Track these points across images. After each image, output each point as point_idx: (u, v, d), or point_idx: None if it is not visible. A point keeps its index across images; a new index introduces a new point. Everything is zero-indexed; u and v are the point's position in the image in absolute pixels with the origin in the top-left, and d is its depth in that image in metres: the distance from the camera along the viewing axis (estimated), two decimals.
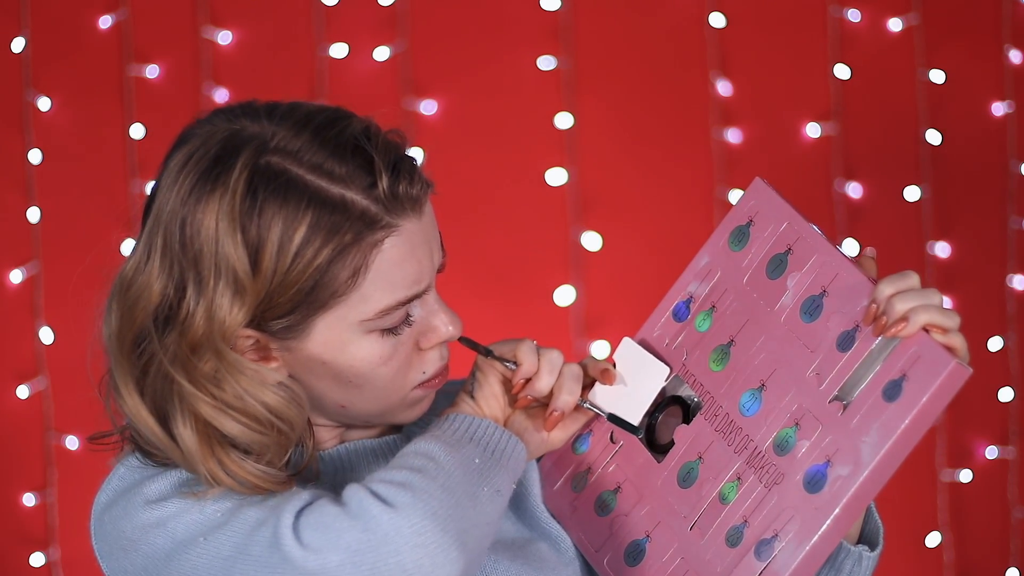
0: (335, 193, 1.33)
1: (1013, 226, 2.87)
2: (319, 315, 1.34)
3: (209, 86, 2.81)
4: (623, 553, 1.43)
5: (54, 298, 2.81)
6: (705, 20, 2.84)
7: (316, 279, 1.33)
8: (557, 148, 2.82)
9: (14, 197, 2.80)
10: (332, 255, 1.32)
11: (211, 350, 1.33)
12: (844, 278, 1.35)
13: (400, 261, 1.35)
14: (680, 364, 1.44)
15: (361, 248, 1.33)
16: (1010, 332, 2.88)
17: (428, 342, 1.39)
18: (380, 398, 1.39)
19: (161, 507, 1.34)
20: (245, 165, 1.33)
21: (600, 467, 1.47)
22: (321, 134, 1.34)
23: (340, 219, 1.32)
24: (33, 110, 2.80)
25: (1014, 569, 2.87)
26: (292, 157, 1.33)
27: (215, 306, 1.33)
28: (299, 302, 1.33)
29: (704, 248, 1.46)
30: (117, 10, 2.81)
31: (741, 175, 2.84)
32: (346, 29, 2.82)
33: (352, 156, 1.34)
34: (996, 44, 2.87)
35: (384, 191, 1.33)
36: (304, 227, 1.32)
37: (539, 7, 2.83)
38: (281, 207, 1.32)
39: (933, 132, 2.86)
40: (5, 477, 2.82)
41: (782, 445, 1.34)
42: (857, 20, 2.85)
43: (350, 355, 1.36)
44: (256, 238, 1.32)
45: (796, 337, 1.36)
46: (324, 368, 1.37)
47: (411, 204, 1.35)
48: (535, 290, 2.83)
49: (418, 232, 1.36)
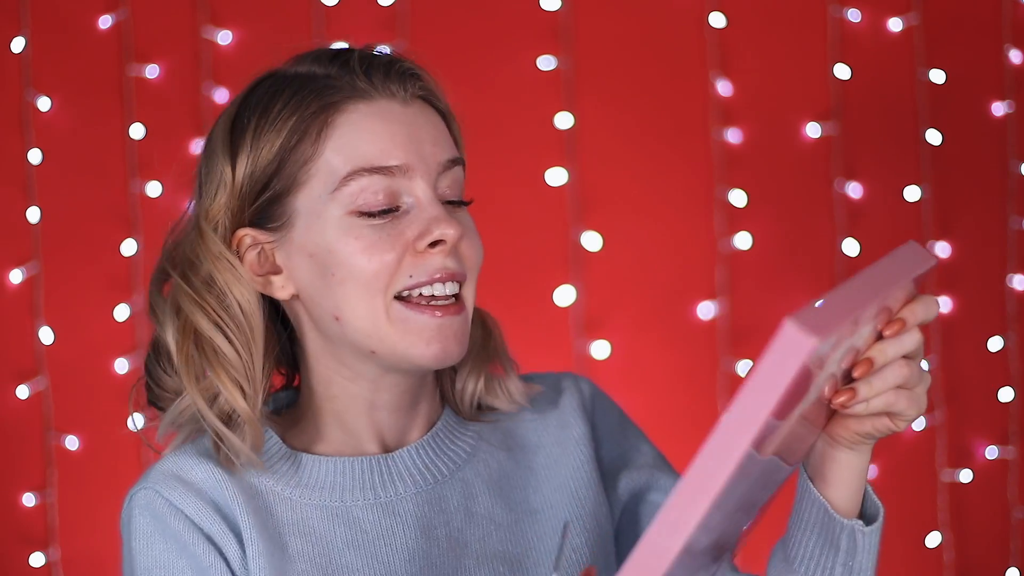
0: (313, 73, 1.42)
1: (1013, 226, 2.87)
2: (296, 193, 1.40)
3: (209, 86, 2.81)
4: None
5: (54, 298, 2.81)
6: (705, 20, 2.84)
7: (285, 145, 1.39)
8: (557, 148, 2.82)
9: (14, 197, 2.80)
10: (297, 123, 1.39)
11: (200, 243, 1.42)
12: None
13: (365, 126, 1.39)
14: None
15: (324, 111, 1.39)
16: (1010, 332, 2.88)
17: (421, 243, 1.39)
18: (365, 302, 1.38)
19: None
20: (250, 84, 1.45)
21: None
22: (320, 52, 1.44)
23: (307, 90, 1.40)
24: (33, 110, 2.80)
25: (1014, 569, 2.88)
26: (286, 67, 1.45)
27: (205, 201, 1.43)
28: (272, 173, 1.40)
29: None
30: (117, 10, 2.81)
31: (741, 175, 2.84)
32: (346, 29, 2.82)
33: (336, 56, 1.43)
34: (996, 44, 2.87)
35: (356, 71, 1.40)
36: (278, 104, 1.41)
37: (539, 7, 2.83)
38: (265, 97, 1.42)
39: (933, 132, 2.86)
40: (5, 477, 2.82)
41: None
42: (857, 20, 2.85)
43: (331, 239, 1.39)
44: (238, 127, 1.42)
45: None
46: (312, 263, 1.40)
47: (390, 88, 1.41)
48: (535, 290, 2.83)
49: (396, 113, 1.40)
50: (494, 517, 1.47)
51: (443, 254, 1.39)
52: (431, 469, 1.46)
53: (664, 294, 2.85)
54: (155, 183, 2.79)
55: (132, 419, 1.51)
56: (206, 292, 1.41)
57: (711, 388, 2.80)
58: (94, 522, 2.81)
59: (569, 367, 2.76)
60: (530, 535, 1.47)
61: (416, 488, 1.45)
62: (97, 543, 2.81)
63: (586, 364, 2.81)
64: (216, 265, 1.41)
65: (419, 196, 1.39)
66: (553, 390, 1.55)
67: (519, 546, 1.46)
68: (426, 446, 1.47)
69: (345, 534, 1.42)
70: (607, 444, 1.53)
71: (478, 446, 1.49)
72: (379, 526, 1.43)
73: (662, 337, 2.85)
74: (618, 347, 2.81)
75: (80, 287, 2.81)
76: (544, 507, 1.49)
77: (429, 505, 1.45)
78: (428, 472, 1.46)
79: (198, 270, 1.42)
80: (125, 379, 2.81)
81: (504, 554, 1.46)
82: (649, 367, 2.83)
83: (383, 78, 1.40)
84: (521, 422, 1.52)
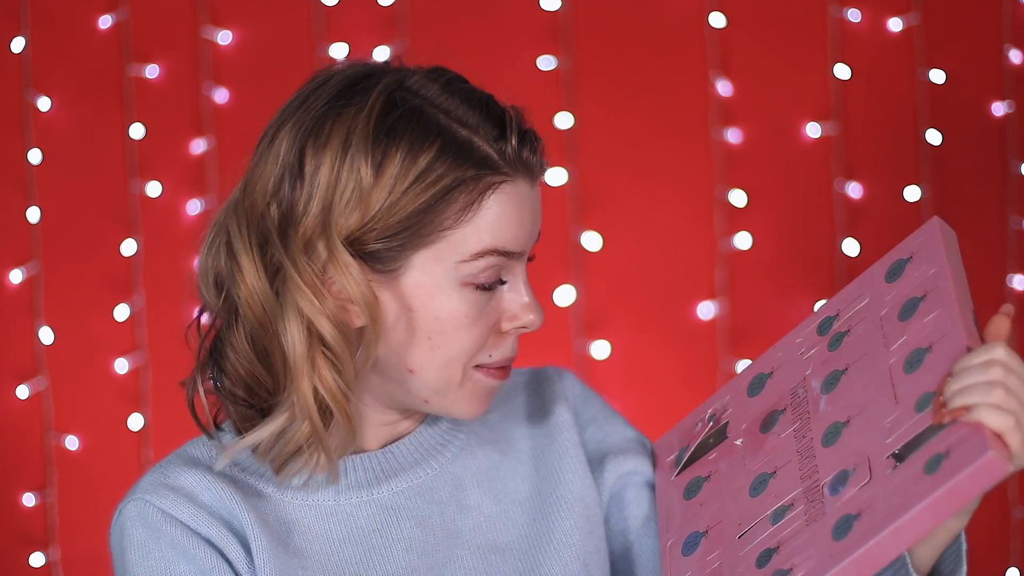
0: (462, 134, 1.38)
1: (1013, 226, 2.86)
2: (419, 249, 1.37)
3: (209, 86, 2.81)
4: (683, 541, 1.42)
5: (54, 298, 2.81)
6: (705, 20, 2.84)
7: (430, 204, 1.36)
8: (557, 148, 2.82)
9: (14, 197, 2.80)
10: (451, 184, 1.36)
11: (324, 244, 1.35)
12: (950, 342, 1.32)
13: (509, 212, 1.39)
14: (803, 376, 1.43)
15: (479, 186, 1.37)
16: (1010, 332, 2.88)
17: (508, 323, 1.41)
18: (449, 367, 1.39)
19: None
20: (382, 92, 1.38)
21: (704, 453, 1.47)
22: (454, 86, 1.41)
23: (465, 154, 1.37)
24: (33, 110, 2.80)
25: (1014, 569, 2.87)
26: (426, 98, 1.39)
27: (333, 207, 1.35)
28: (407, 226, 1.36)
29: (868, 271, 1.44)
30: (117, 10, 2.81)
31: (741, 175, 2.84)
32: (346, 29, 2.82)
33: (483, 109, 1.40)
34: (996, 44, 2.87)
35: (511, 147, 1.39)
36: (430, 153, 1.36)
37: (539, 7, 2.83)
38: (411, 132, 1.36)
39: (933, 132, 2.86)
40: (5, 477, 2.82)
41: (835, 485, 1.33)
42: (857, 20, 2.85)
43: (439, 304, 1.38)
44: (383, 153, 1.35)
45: (891, 385, 1.34)
46: (408, 317, 1.38)
47: (529, 169, 1.40)
48: (535, 290, 2.82)
49: (528, 196, 1.40)
50: (483, 508, 1.47)
51: (518, 335, 1.43)
52: (421, 464, 1.47)
53: (664, 294, 2.85)
54: (155, 183, 2.79)
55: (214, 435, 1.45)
56: (321, 290, 1.37)
57: (711, 388, 2.80)
58: (94, 522, 2.81)
59: (569, 367, 2.75)
60: (520, 523, 1.48)
61: (408, 483, 1.45)
62: (97, 543, 2.81)
63: (586, 364, 2.81)
64: (343, 276, 1.37)
65: (517, 275, 1.43)
66: (535, 381, 1.56)
67: (509, 535, 1.47)
68: (415, 442, 1.47)
69: (341, 531, 1.43)
70: (590, 429, 1.55)
71: (466, 439, 1.50)
72: (375, 521, 1.44)
73: (662, 337, 2.84)
74: (618, 347, 2.81)
75: (80, 287, 2.81)
76: (532, 495, 1.49)
77: (422, 497, 1.45)
78: (419, 467, 1.46)
79: (310, 264, 1.37)
80: (125, 379, 2.81)
81: (495, 543, 1.46)
82: (649, 367, 2.83)
83: (529, 156, 1.41)
84: (505, 414, 1.53)
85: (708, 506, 1.43)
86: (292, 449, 1.40)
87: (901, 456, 1.29)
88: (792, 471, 1.37)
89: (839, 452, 1.34)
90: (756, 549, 1.35)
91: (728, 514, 1.40)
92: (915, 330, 1.35)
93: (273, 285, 1.38)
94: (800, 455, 1.37)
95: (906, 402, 1.32)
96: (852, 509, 1.30)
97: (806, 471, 1.36)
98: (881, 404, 1.33)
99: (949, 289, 1.34)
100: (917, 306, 1.36)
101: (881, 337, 1.37)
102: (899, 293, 1.39)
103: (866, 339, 1.39)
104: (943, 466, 1.26)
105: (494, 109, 1.41)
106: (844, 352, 1.40)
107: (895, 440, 1.31)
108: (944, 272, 1.36)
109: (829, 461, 1.34)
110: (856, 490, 1.31)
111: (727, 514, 1.40)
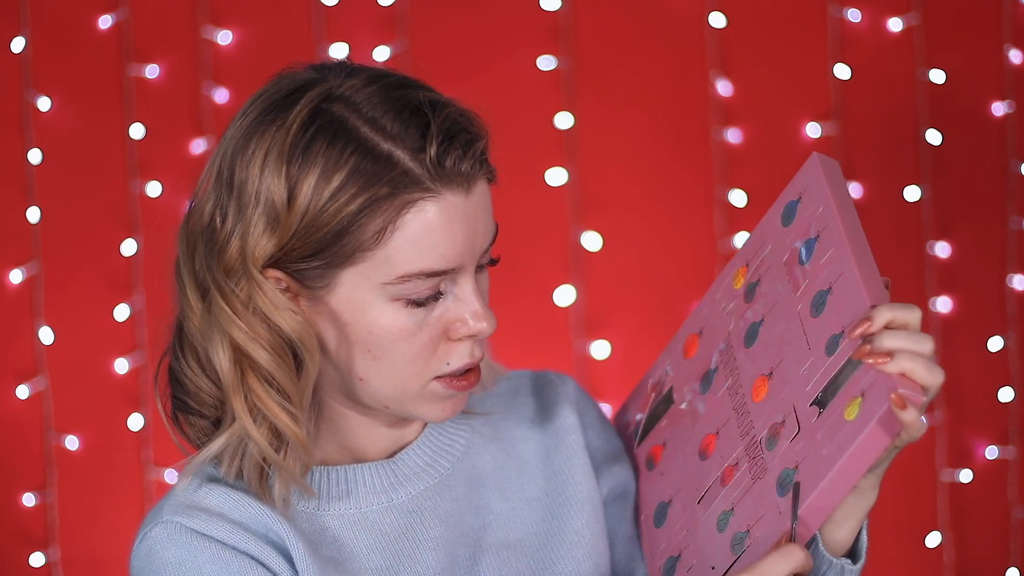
0: (382, 147, 1.33)
1: (1013, 226, 2.86)
2: (344, 268, 1.34)
3: (209, 86, 2.81)
4: (653, 514, 1.43)
5: (54, 298, 2.81)
6: (705, 20, 2.84)
7: (344, 225, 1.33)
8: (557, 148, 2.82)
9: (14, 197, 2.80)
10: (364, 204, 1.32)
11: (244, 274, 1.34)
12: (847, 280, 1.33)
13: (432, 229, 1.34)
14: (727, 331, 1.44)
15: (394, 204, 1.33)
16: (1010, 332, 2.88)
17: (456, 332, 1.38)
18: (398, 378, 1.38)
19: None
20: (305, 106, 1.35)
21: (655, 422, 1.48)
22: (387, 92, 1.35)
23: (380, 171, 1.33)
24: (33, 110, 2.80)
25: (1014, 569, 2.87)
26: (352, 107, 1.34)
27: (249, 233, 1.34)
28: (325, 246, 1.33)
29: (765, 217, 1.45)
30: (117, 10, 2.81)
31: (741, 175, 2.84)
32: (346, 29, 2.82)
33: (410, 117, 1.34)
34: (996, 44, 2.87)
35: (431, 157, 1.34)
36: (344, 171, 1.32)
37: (539, 7, 2.83)
38: (327, 149, 1.33)
39: (933, 132, 2.86)
40: (5, 477, 2.82)
41: (771, 440, 1.34)
42: (857, 20, 2.85)
43: (371, 319, 1.35)
44: (296, 174, 1.33)
45: (802, 331, 1.35)
46: (346, 331, 1.36)
47: (458, 178, 1.35)
48: (535, 290, 2.83)
49: (460, 208, 1.35)
50: (493, 506, 1.47)
51: (473, 341, 1.39)
52: (434, 466, 1.46)
53: (664, 294, 2.85)
54: (155, 183, 2.79)
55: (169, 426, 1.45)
56: (248, 315, 1.36)
57: None
58: (94, 522, 2.81)
59: (569, 367, 2.76)
60: (530, 522, 1.48)
61: (425, 485, 1.45)
62: (97, 543, 2.81)
63: (586, 364, 2.81)
64: (263, 302, 1.36)
65: (462, 285, 1.38)
66: (538, 384, 1.56)
67: (519, 532, 1.47)
68: (424, 444, 1.47)
69: (367, 539, 1.42)
70: (591, 433, 1.54)
71: (472, 438, 1.49)
72: (398, 525, 1.43)
73: (662, 337, 2.84)
74: (618, 347, 2.81)
75: (80, 287, 2.81)
76: (540, 495, 1.49)
77: (441, 496, 1.45)
78: (432, 468, 1.46)
79: (236, 290, 1.36)
80: (125, 379, 2.81)
81: (507, 541, 1.46)
82: (649, 367, 2.83)
83: (454, 165, 1.35)
84: (510, 414, 1.53)
85: (668, 475, 1.43)
86: (254, 465, 1.38)
87: (823, 401, 1.31)
88: (732, 430, 1.38)
89: (768, 405, 1.36)
90: (714, 513, 1.37)
91: (687, 481, 1.41)
92: (815, 272, 1.36)
93: (205, 303, 1.37)
94: (736, 412, 1.38)
95: (817, 347, 1.33)
96: (789, 463, 1.31)
97: (744, 428, 1.37)
98: (797, 351, 1.35)
99: (838, 225, 1.36)
100: (813, 247, 1.37)
101: (788, 283, 1.39)
102: (795, 236, 1.40)
103: (775, 287, 1.40)
104: (862, 409, 1.28)
105: (422, 117, 1.35)
106: (758, 303, 1.41)
107: (813, 387, 1.32)
108: (831, 209, 1.37)
109: (762, 415, 1.36)
110: (788, 443, 1.32)
111: (686, 481, 1.41)
